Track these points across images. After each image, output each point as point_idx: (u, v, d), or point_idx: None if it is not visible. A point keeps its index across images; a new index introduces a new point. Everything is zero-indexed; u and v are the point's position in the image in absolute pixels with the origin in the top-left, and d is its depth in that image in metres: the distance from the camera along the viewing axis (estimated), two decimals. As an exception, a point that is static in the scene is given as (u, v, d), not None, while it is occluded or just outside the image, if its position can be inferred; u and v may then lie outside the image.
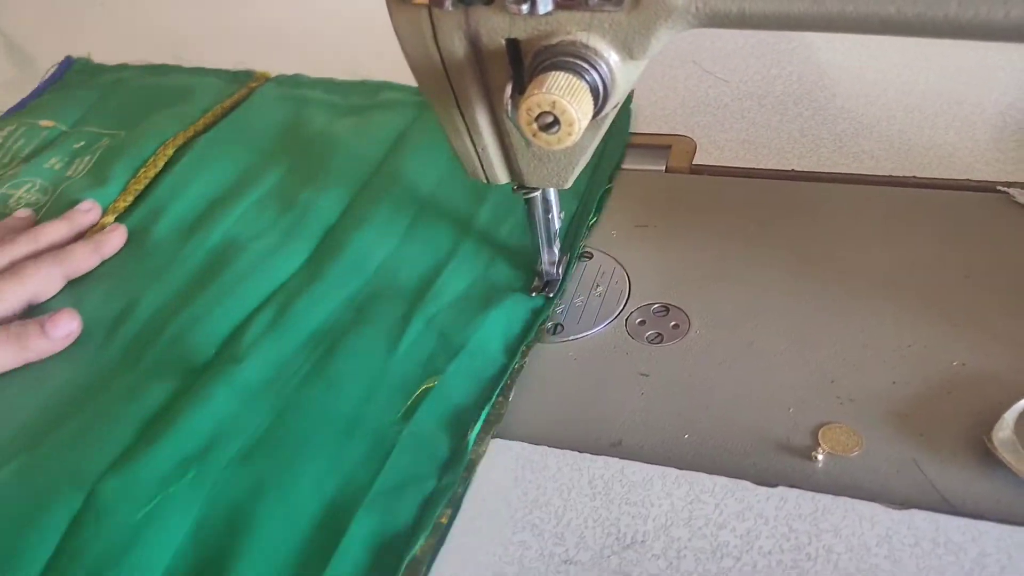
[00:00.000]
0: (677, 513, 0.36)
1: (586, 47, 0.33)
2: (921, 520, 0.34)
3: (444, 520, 0.36)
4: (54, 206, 0.59)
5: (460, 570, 0.35)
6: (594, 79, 0.32)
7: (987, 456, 0.36)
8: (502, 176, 0.42)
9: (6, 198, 0.60)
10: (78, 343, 0.48)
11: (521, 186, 0.43)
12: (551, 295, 0.47)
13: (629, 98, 0.60)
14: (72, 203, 0.57)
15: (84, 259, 0.53)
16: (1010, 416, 0.37)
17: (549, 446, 0.39)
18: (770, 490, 0.36)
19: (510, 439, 0.40)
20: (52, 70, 0.76)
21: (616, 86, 0.33)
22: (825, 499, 0.36)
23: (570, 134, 0.32)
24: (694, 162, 0.54)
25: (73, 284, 0.53)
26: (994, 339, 0.41)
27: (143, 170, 0.61)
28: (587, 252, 0.50)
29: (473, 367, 0.43)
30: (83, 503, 0.38)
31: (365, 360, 0.44)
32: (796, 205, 0.51)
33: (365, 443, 0.40)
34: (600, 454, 0.39)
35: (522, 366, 0.43)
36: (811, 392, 0.40)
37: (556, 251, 0.47)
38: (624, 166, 0.55)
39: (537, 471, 0.38)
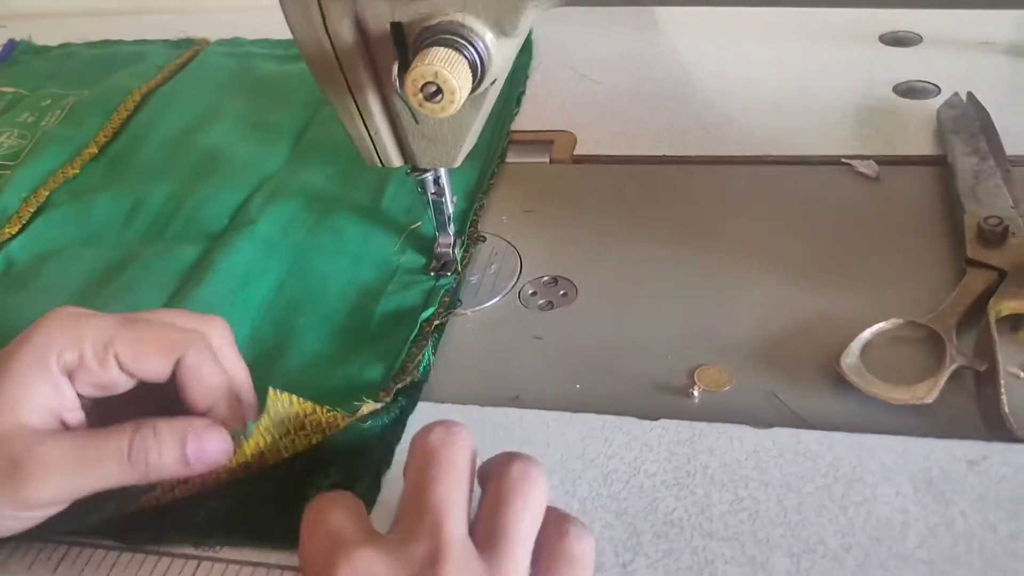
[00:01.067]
0: (571, 449, 0.39)
1: (462, 26, 0.36)
2: (783, 436, 0.39)
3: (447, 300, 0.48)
4: (35, 148, 0.66)
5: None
6: (472, 54, 0.36)
7: (838, 380, 0.41)
8: (395, 159, 0.45)
9: None
10: (99, 232, 0.57)
11: (414, 168, 0.46)
12: (448, 274, 0.50)
13: (518, 100, 0.65)
14: (52, 147, 0.65)
15: None
16: (855, 345, 0.42)
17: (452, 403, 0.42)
18: (653, 423, 0.40)
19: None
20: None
21: (492, 61, 0.37)
22: (700, 426, 0.40)
23: (452, 102, 0.35)
24: (575, 153, 0.59)
25: (76, 194, 0.60)
26: (841, 286, 0.47)
27: (115, 114, 0.68)
28: (481, 236, 0.53)
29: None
30: None
31: (359, 210, 0.55)
32: (668, 185, 0.56)
33: (373, 267, 0.51)
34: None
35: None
36: (686, 341, 0.45)
37: (451, 233, 0.50)
38: (510, 160, 0.60)
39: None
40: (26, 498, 0.31)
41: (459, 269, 0.50)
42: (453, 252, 0.50)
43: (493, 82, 0.39)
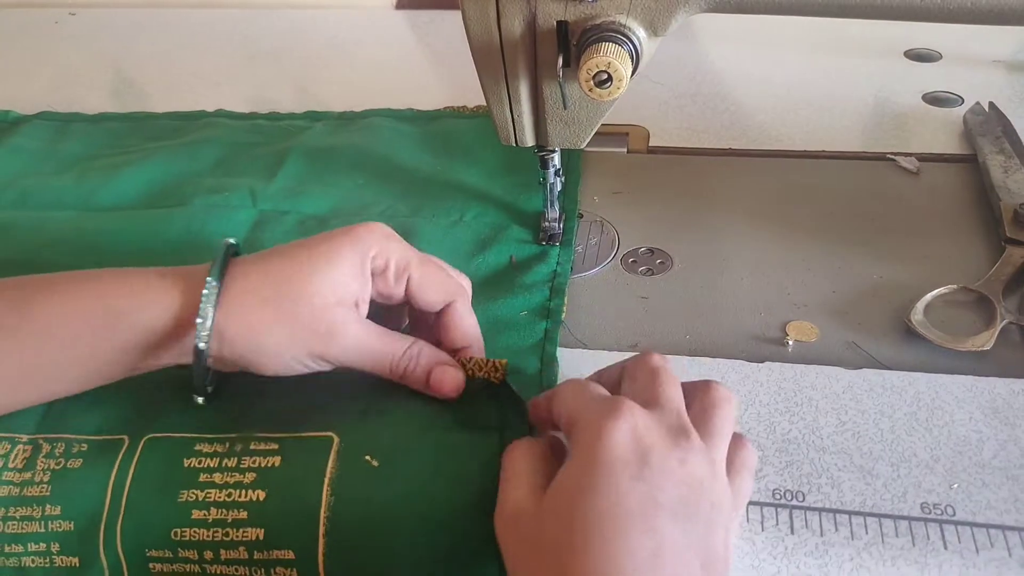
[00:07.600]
0: (694, 385, 0.47)
1: (623, 25, 0.43)
2: (871, 375, 0.47)
3: None
4: None
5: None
6: (631, 48, 0.43)
7: (907, 333, 0.49)
8: (530, 139, 0.52)
9: None
10: None
11: (541, 148, 0.53)
12: (556, 244, 0.57)
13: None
14: None
15: None
16: (920, 305, 0.50)
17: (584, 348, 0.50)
18: (760, 364, 0.48)
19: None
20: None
21: (644, 55, 0.44)
22: (800, 367, 0.47)
23: (619, 88, 0.42)
24: (650, 144, 0.67)
25: None
26: (897, 259, 0.55)
27: None
28: (579, 213, 0.60)
29: None
30: None
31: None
32: (736, 174, 0.63)
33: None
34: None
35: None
36: (773, 302, 0.52)
37: (557, 209, 0.57)
38: (593, 148, 0.66)
39: (583, 368, 0.48)
40: (331, 357, 0.40)
41: (570, 241, 0.57)
42: (559, 225, 0.57)
43: (636, 73, 0.46)
